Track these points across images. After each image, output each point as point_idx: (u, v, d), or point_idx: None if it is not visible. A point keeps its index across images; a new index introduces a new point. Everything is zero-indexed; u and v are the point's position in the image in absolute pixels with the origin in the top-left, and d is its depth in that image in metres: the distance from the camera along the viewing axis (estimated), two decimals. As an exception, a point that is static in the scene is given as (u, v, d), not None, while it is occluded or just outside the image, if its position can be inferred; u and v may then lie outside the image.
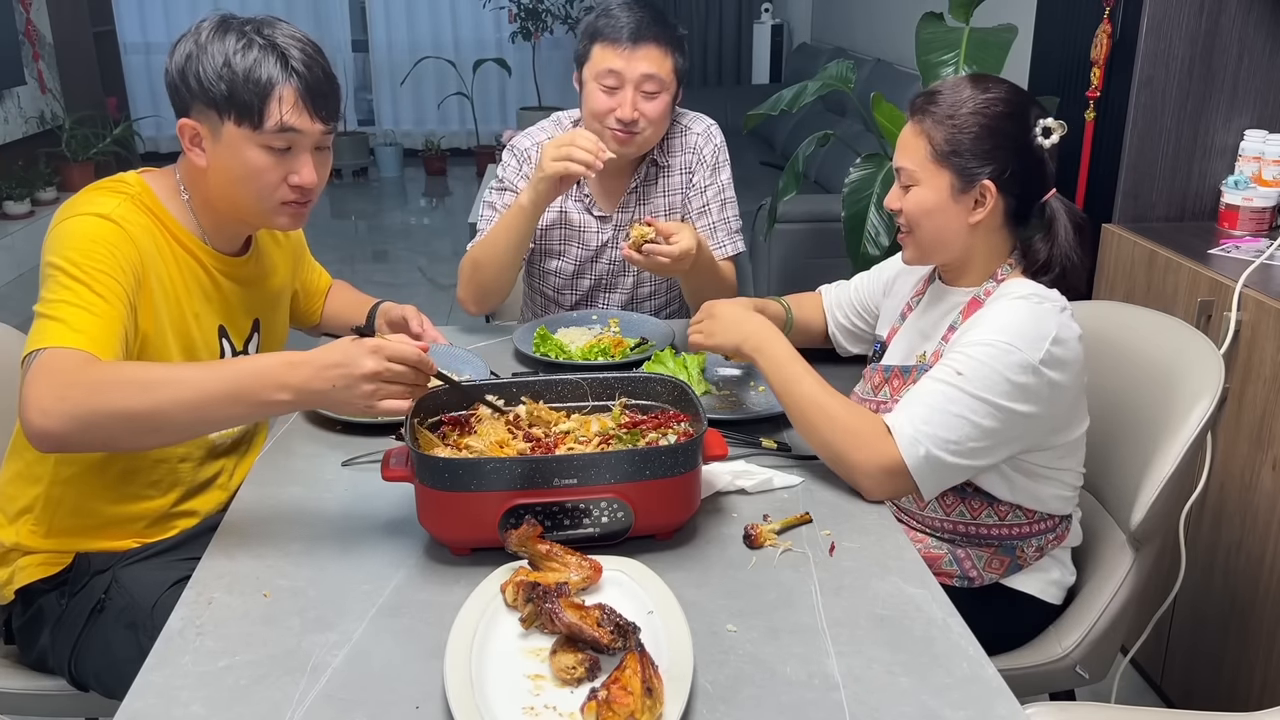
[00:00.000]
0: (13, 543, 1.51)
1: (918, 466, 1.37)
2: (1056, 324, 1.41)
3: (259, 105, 1.43)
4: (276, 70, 1.43)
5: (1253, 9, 2.26)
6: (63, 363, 1.27)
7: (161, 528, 1.55)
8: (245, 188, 1.48)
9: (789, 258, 3.71)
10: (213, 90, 1.42)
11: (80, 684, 1.49)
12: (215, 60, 1.42)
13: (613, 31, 1.94)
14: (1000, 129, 1.45)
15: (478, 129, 7.90)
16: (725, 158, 2.14)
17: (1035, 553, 1.55)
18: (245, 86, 1.41)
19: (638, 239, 1.81)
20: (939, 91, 1.49)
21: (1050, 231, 1.49)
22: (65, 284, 1.35)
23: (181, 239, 1.51)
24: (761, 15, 7.02)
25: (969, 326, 1.45)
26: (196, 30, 1.45)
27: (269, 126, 1.43)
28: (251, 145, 1.45)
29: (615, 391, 1.49)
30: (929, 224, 1.50)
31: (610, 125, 1.97)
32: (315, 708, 1.03)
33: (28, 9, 5.70)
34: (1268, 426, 1.88)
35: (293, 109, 1.44)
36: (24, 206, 5.49)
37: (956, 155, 1.45)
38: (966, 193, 1.47)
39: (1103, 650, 1.59)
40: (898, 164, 1.52)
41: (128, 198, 1.46)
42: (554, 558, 1.19)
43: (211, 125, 1.45)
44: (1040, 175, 1.49)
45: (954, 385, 1.39)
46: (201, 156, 1.47)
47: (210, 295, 1.56)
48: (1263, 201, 2.24)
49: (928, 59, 2.68)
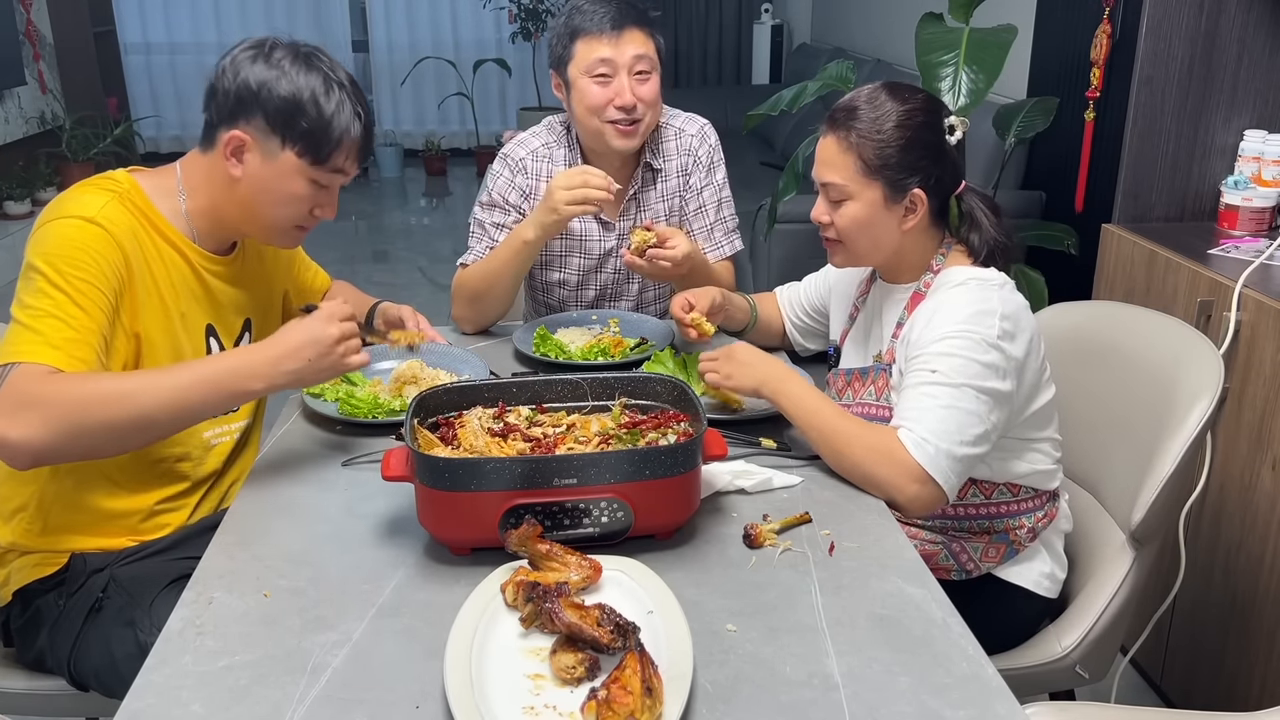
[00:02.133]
0: (8, 542, 1.51)
1: (934, 465, 1.39)
2: (999, 300, 1.47)
3: (329, 148, 1.49)
4: (351, 119, 1.50)
5: (1253, 9, 2.26)
6: (35, 381, 1.29)
7: (156, 524, 1.55)
8: (275, 209, 1.53)
9: (789, 258, 3.71)
10: (289, 118, 1.46)
11: (80, 684, 1.49)
12: (299, 93, 1.46)
13: (594, 23, 1.93)
14: (922, 138, 1.50)
15: (478, 129, 7.90)
16: (720, 158, 2.14)
17: (1028, 534, 1.56)
18: (324, 127, 1.48)
19: (640, 245, 1.81)
20: (858, 106, 1.52)
21: (973, 221, 1.55)
22: (46, 291, 1.36)
23: (170, 237, 1.52)
24: (761, 15, 7.03)
25: (919, 325, 1.49)
26: (268, 49, 1.49)
27: (328, 167, 1.51)
28: (302, 176, 1.50)
29: (615, 391, 1.49)
30: (864, 236, 1.55)
31: (610, 118, 1.95)
32: (315, 708, 1.03)
33: (28, 9, 5.71)
34: (1267, 426, 1.88)
35: (350, 156, 1.53)
36: (24, 206, 5.49)
37: (886, 169, 1.50)
38: (897, 202, 1.52)
39: (1102, 650, 1.59)
40: (823, 179, 1.55)
41: (115, 196, 1.47)
42: (554, 557, 1.19)
43: (267, 146, 1.49)
44: (954, 172, 1.55)
45: (934, 384, 1.42)
46: (238, 168, 1.50)
47: (197, 294, 1.57)
48: (1262, 201, 2.24)
49: (928, 59, 2.68)
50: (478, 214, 2.09)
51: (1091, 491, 1.73)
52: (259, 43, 1.50)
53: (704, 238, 2.11)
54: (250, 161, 1.49)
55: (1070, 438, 1.64)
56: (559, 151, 2.08)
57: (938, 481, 1.39)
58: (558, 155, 2.07)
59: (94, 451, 1.38)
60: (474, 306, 2.02)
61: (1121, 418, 1.65)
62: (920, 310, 1.52)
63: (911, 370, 1.46)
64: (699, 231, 2.11)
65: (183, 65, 7.75)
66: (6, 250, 5.17)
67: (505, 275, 1.96)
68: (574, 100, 1.98)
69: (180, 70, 7.76)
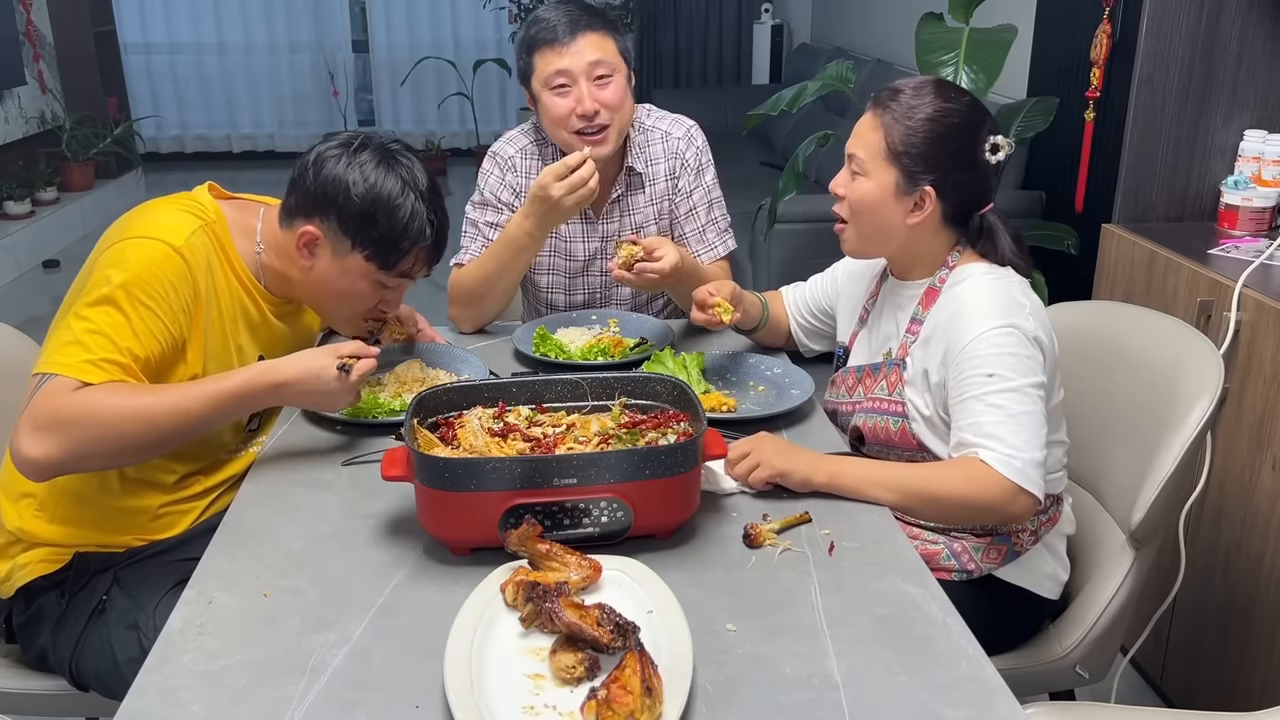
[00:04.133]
0: (15, 527, 1.51)
1: (1025, 478, 1.39)
2: (1021, 290, 1.50)
3: (398, 255, 1.52)
4: (424, 227, 1.52)
5: (1253, 9, 2.26)
6: (63, 397, 1.32)
7: (164, 525, 1.56)
8: (339, 302, 1.58)
9: (789, 258, 3.71)
10: (361, 224, 1.49)
11: (81, 684, 1.49)
12: (376, 200, 1.49)
13: (548, 33, 1.92)
14: (950, 138, 1.49)
15: (478, 129, 7.89)
16: (709, 159, 2.12)
17: (1030, 537, 1.56)
18: (395, 237, 1.50)
19: (627, 258, 1.80)
20: (903, 90, 1.52)
21: (993, 241, 1.55)
22: (106, 309, 1.38)
23: (240, 275, 1.56)
24: (761, 15, 7.02)
25: (944, 322, 1.49)
26: (354, 149, 1.51)
27: (395, 272, 1.53)
28: (367, 278, 1.54)
29: (615, 391, 1.49)
30: (868, 216, 1.55)
31: (574, 128, 1.93)
32: (315, 708, 1.03)
33: (28, 9, 5.70)
34: (1268, 426, 1.88)
35: (419, 262, 1.55)
36: (24, 207, 5.49)
37: (906, 156, 1.50)
38: (908, 194, 1.51)
39: (1102, 650, 1.59)
40: (851, 150, 1.56)
41: (204, 225, 1.50)
42: (554, 557, 1.19)
43: (338, 246, 1.52)
44: (982, 189, 1.54)
45: (998, 391, 1.42)
46: (309, 260, 1.54)
47: (257, 329, 1.61)
48: (1262, 201, 2.24)
49: (928, 59, 2.68)
50: (471, 213, 2.09)
51: (1091, 491, 1.73)
52: (348, 140, 1.54)
53: (697, 239, 2.10)
54: (321, 256, 1.53)
55: (1070, 438, 1.64)
56: (547, 149, 2.08)
57: (1031, 492, 1.40)
58: (545, 153, 2.08)
59: (106, 466, 1.45)
60: (474, 306, 2.02)
61: (1121, 418, 1.65)
62: (940, 305, 1.52)
63: (966, 378, 1.44)
64: (691, 234, 2.10)
65: (183, 65, 7.75)
66: (6, 250, 5.17)
67: (507, 273, 1.96)
68: (541, 114, 1.98)
69: (180, 70, 7.75)
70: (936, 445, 1.53)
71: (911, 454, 1.56)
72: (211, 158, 7.81)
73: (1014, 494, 1.39)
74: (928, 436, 1.54)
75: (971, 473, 1.41)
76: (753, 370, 1.82)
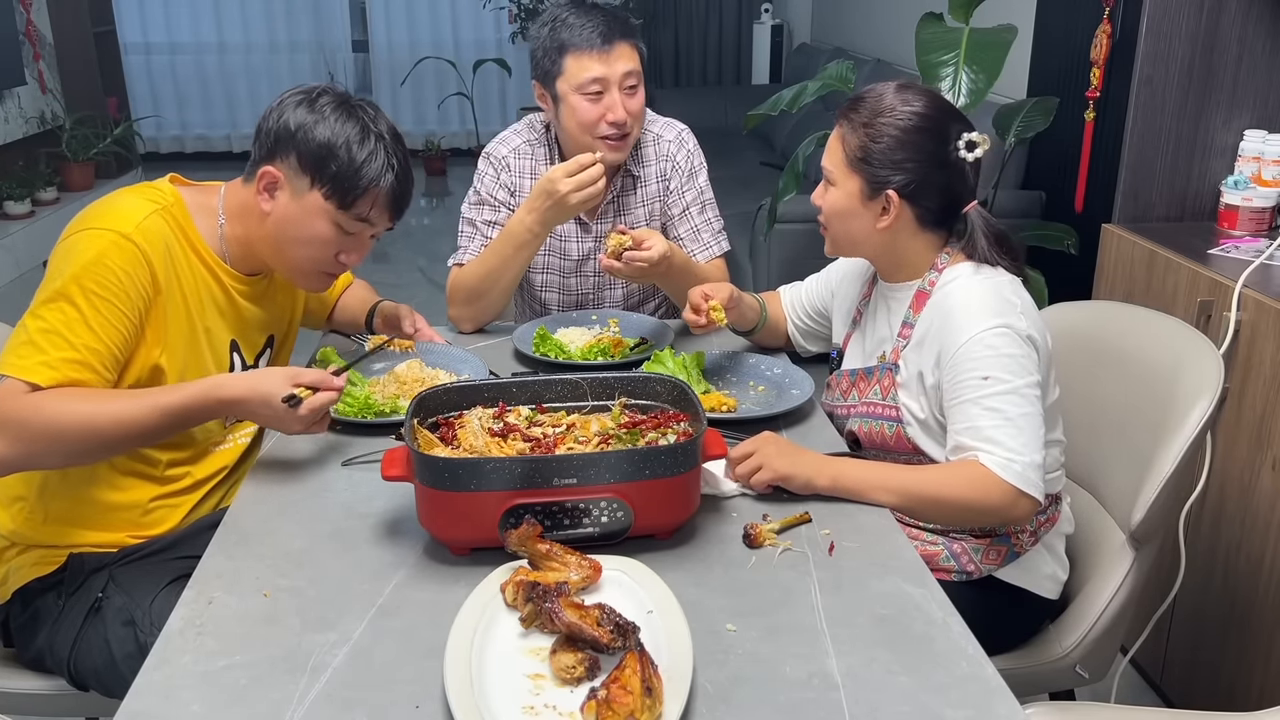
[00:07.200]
0: (9, 531, 1.51)
1: (1025, 480, 1.40)
2: (1012, 289, 1.49)
3: (356, 195, 1.51)
4: (383, 170, 1.51)
5: (1253, 9, 2.26)
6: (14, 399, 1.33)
7: (155, 520, 1.55)
8: (298, 249, 1.55)
9: (789, 258, 3.71)
10: (320, 160, 1.49)
11: (79, 683, 1.49)
12: (334, 137, 1.49)
13: (584, 39, 1.92)
14: (912, 141, 1.48)
15: (478, 129, 7.89)
16: (700, 162, 2.13)
17: (1030, 538, 1.56)
18: (353, 174, 1.49)
19: (615, 248, 1.81)
20: (864, 98, 1.53)
21: (970, 241, 1.53)
22: (60, 306, 1.38)
23: (203, 255, 1.55)
24: (761, 15, 7.02)
25: (937, 324, 1.49)
26: (315, 95, 1.52)
27: (353, 214, 1.52)
28: (326, 218, 1.52)
29: (615, 391, 1.49)
30: (839, 224, 1.57)
31: (601, 133, 1.95)
32: (315, 708, 1.03)
33: (28, 9, 5.70)
34: (1268, 426, 1.88)
35: (378, 207, 1.54)
36: (24, 207, 5.48)
37: (867, 163, 1.50)
38: (874, 199, 1.51)
39: (1102, 650, 1.59)
40: (823, 161, 1.57)
41: (158, 209, 1.49)
42: (554, 557, 1.19)
43: (297, 184, 1.51)
44: (959, 188, 1.52)
45: (995, 394, 1.42)
46: (269, 204, 1.53)
47: (225, 311, 1.59)
48: (1262, 201, 2.24)
49: (928, 59, 2.68)
50: (468, 213, 2.09)
51: (1091, 491, 1.73)
52: (310, 89, 1.55)
53: (691, 239, 2.11)
54: (280, 198, 1.52)
55: (1070, 438, 1.64)
56: (540, 150, 2.09)
57: (1032, 495, 1.40)
58: (539, 154, 2.09)
59: (59, 466, 1.46)
60: (474, 305, 2.02)
61: (1121, 418, 1.65)
62: (931, 307, 1.52)
63: (961, 381, 1.44)
64: (685, 235, 2.11)
65: (183, 65, 7.75)
66: (6, 250, 5.17)
67: (508, 269, 1.96)
68: (564, 115, 1.98)
69: (180, 70, 7.76)
70: (933, 449, 1.53)
71: (908, 457, 1.56)
72: (211, 158, 7.82)
73: (1015, 498, 1.39)
74: (923, 440, 1.53)
75: (973, 476, 1.41)
76: (753, 370, 1.82)
